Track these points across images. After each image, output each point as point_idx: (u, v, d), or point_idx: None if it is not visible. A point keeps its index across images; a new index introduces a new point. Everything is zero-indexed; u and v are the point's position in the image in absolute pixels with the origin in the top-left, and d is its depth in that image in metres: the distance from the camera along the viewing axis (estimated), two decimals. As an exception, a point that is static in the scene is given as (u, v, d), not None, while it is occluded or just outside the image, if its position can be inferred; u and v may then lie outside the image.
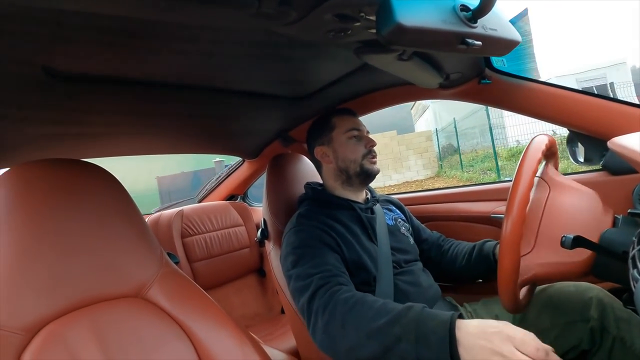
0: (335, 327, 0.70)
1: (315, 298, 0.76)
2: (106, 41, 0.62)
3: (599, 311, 0.79)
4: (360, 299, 0.71)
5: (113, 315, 0.61)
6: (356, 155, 1.00)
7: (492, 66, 0.99)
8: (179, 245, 1.65)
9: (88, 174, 0.69)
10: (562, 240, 0.66)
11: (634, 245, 0.49)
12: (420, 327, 0.60)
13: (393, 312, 0.65)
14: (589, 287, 0.85)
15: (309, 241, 0.87)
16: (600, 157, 1.03)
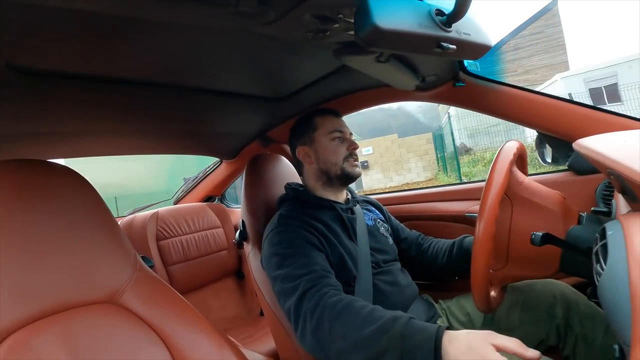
0: (323, 331, 0.70)
1: (304, 301, 0.74)
2: (77, 37, 0.59)
3: (563, 309, 0.84)
4: (348, 305, 0.70)
5: (84, 322, 0.59)
6: (337, 158, 1.00)
7: (466, 69, 1.02)
8: (154, 248, 1.60)
9: (56, 175, 0.65)
10: (532, 238, 0.69)
11: (597, 241, 0.52)
12: (406, 341, 0.60)
13: (380, 321, 0.65)
14: (555, 284, 0.89)
15: (295, 241, 0.86)
16: (566, 158, 1.09)
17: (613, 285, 0.40)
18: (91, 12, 0.48)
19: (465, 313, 0.95)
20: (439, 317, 0.95)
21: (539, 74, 14.17)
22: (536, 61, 14.61)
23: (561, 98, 0.99)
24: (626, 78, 10.52)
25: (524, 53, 14.76)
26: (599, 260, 0.48)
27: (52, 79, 0.72)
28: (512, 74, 14.83)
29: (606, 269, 0.44)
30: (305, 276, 0.77)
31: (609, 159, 0.51)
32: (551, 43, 14.50)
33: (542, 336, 0.85)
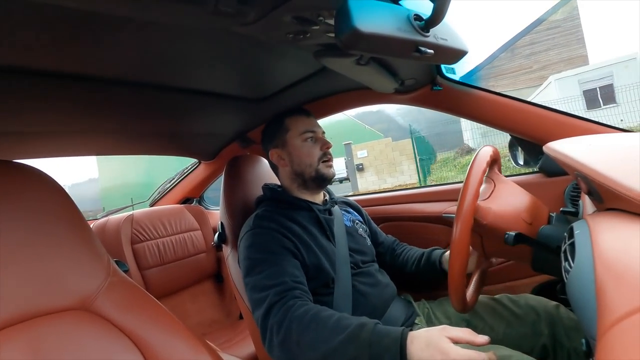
0: (291, 344, 0.70)
1: (270, 315, 0.75)
2: (48, 32, 0.56)
3: (549, 326, 0.84)
4: (315, 315, 0.71)
5: (54, 330, 0.56)
6: (312, 159, 0.99)
7: (442, 74, 1.05)
8: (129, 252, 1.55)
9: (22, 176, 0.62)
10: (505, 238, 0.71)
11: (566, 240, 0.54)
12: (373, 347, 0.63)
13: (347, 330, 0.67)
14: (537, 300, 0.90)
15: (267, 245, 0.85)
16: (537, 161, 1.13)
17: (580, 282, 0.42)
18: (64, 6, 0.46)
19: (447, 317, 0.96)
20: (417, 316, 0.96)
21: (555, 69, 13.35)
22: (553, 56, 14.01)
23: (533, 103, 1.03)
24: (623, 79, 10.04)
25: (540, 48, 14.12)
26: (567, 258, 0.50)
27: (20, 75, 0.69)
28: (526, 71, 14.28)
29: (574, 267, 0.46)
30: (274, 288, 0.77)
31: (576, 162, 0.54)
32: (569, 37, 13.88)
33: (525, 351, 0.83)
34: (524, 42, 14.51)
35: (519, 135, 1.07)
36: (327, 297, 0.88)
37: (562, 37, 13.94)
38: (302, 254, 0.87)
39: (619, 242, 0.40)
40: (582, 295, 0.41)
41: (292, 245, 0.87)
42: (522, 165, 1.17)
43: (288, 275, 0.80)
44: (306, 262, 0.87)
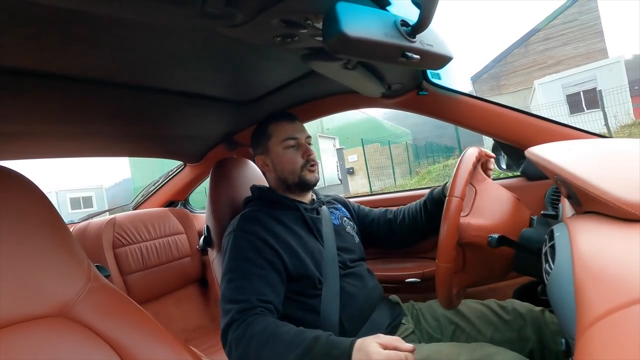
0: (250, 357, 0.74)
1: (230, 330, 0.78)
2: (29, 31, 0.55)
3: (536, 332, 0.85)
4: (273, 332, 0.75)
5: (29, 338, 0.54)
6: (294, 167, 0.99)
7: (428, 79, 1.07)
8: (110, 256, 1.51)
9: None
10: (489, 240, 0.73)
11: (546, 242, 0.56)
12: (325, 358, 0.70)
13: (302, 344, 0.72)
14: (522, 305, 0.92)
15: (245, 252, 0.86)
16: (519, 165, 1.16)
17: (560, 283, 0.43)
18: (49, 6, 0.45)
19: (436, 319, 0.97)
20: (403, 316, 0.97)
21: (572, 63, 12.85)
22: (569, 50, 13.44)
23: (515, 109, 1.05)
24: (606, 82, 9.83)
25: (556, 43, 13.58)
26: (548, 260, 0.52)
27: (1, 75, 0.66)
28: (540, 67, 13.71)
29: (554, 268, 0.47)
30: (238, 304, 0.80)
31: (556, 166, 0.55)
32: (586, 30, 13.23)
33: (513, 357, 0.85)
34: (538, 37, 14.01)
35: (502, 140, 1.10)
36: (314, 298, 0.88)
37: (579, 31, 13.36)
38: (283, 261, 0.87)
39: (597, 243, 0.41)
40: (562, 295, 0.42)
41: (273, 253, 0.87)
42: (505, 169, 1.20)
43: (255, 292, 0.81)
44: (288, 267, 0.87)
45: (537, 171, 1.11)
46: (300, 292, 0.87)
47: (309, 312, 0.87)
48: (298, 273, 0.87)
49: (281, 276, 0.86)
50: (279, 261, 0.87)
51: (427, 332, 0.95)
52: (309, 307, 0.87)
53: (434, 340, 0.94)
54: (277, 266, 0.86)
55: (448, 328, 0.94)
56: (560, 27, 13.73)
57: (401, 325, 0.95)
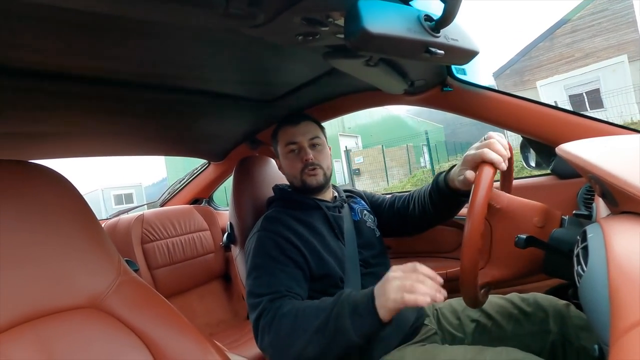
0: (283, 338, 0.74)
1: (261, 318, 0.78)
2: (61, 36, 0.58)
3: (558, 324, 0.83)
4: (300, 308, 0.76)
5: (63, 328, 0.57)
6: (294, 171, 1.00)
7: (453, 75, 1.04)
8: (139, 251, 1.57)
9: (35, 176, 0.64)
10: (516, 241, 0.70)
11: (578, 243, 0.53)
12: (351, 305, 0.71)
13: (328, 308, 0.73)
14: (546, 298, 0.89)
15: (270, 251, 0.87)
16: (549, 162, 1.11)
17: (593, 287, 0.41)
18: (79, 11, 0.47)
19: (456, 317, 0.96)
20: (426, 317, 0.96)
21: (602, 56, 11.96)
22: (599, 42, 12.46)
23: (545, 104, 1.01)
24: (609, 83, 9.94)
25: (584, 35, 12.65)
26: (580, 262, 0.49)
27: (32, 77, 0.70)
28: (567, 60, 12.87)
29: (587, 271, 0.45)
30: (267, 295, 0.80)
31: (590, 164, 0.53)
32: (618, 20, 12.19)
33: (535, 351, 0.83)
34: (564, 30, 13.14)
35: (531, 136, 1.05)
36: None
37: (609, 22, 12.35)
38: (306, 259, 0.88)
39: (634, 245, 0.39)
40: (595, 299, 0.40)
41: (296, 252, 0.87)
42: (534, 167, 1.16)
43: (282, 285, 0.82)
44: (311, 266, 0.87)
45: (568, 169, 1.06)
46: (323, 291, 0.87)
47: None
48: (320, 272, 0.87)
49: (304, 273, 0.87)
50: (302, 259, 0.87)
51: (448, 331, 0.94)
52: None
53: (457, 339, 0.92)
54: (301, 264, 0.87)
55: (469, 326, 0.93)
56: (589, 18, 12.79)
57: (424, 326, 0.93)
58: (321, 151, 1.01)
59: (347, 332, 0.68)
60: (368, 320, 0.68)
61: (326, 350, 0.70)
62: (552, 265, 0.75)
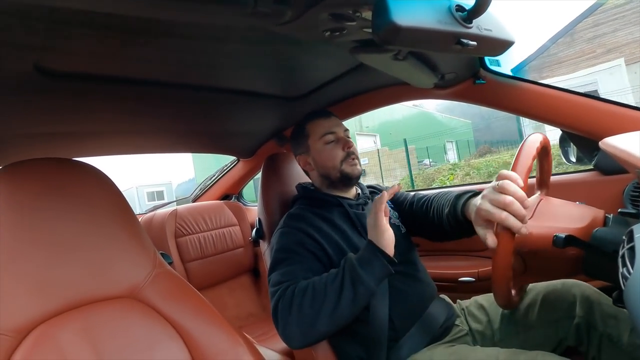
0: (305, 313, 0.75)
1: (279, 303, 0.79)
2: (100, 40, 0.61)
3: (585, 308, 0.81)
4: (313, 280, 0.79)
5: (105, 316, 0.61)
6: (334, 162, 0.98)
7: (486, 66, 1.00)
8: (173, 245, 1.63)
9: (80, 173, 0.68)
10: (554, 240, 0.67)
11: (624, 244, 0.50)
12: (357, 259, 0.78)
13: (338, 270, 0.79)
14: (575, 284, 0.86)
15: (291, 246, 0.88)
16: (592, 157, 1.05)
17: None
18: (113, 14, 0.50)
19: (484, 313, 0.94)
20: (457, 317, 0.94)
21: (624, 51, 11.41)
22: (623, 36, 11.75)
23: (587, 95, 0.95)
24: (607, 86, 9.73)
25: (606, 29, 11.98)
26: (626, 264, 0.46)
27: (77, 80, 0.74)
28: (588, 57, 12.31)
29: (633, 273, 0.42)
30: (286, 282, 0.82)
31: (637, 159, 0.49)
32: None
33: (561, 336, 0.83)
34: (585, 24, 12.47)
35: (571, 130, 0.99)
36: None
37: (633, 15, 11.53)
38: (327, 253, 0.88)
39: None
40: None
41: (317, 246, 0.88)
42: (575, 162, 1.09)
43: (300, 275, 0.83)
44: (333, 261, 0.88)
45: (613, 164, 0.99)
46: None
47: None
48: None
49: (324, 267, 0.87)
50: (324, 254, 0.88)
51: (478, 331, 0.91)
52: None
53: (487, 338, 0.90)
54: (322, 258, 0.87)
55: (496, 321, 0.91)
56: (611, 12, 11.92)
57: (454, 327, 0.91)
58: (354, 143, 1.02)
59: (364, 281, 0.75)
60: (378, 263, 0.76)
61: (347, 306, 0.75)
62: (594, 267, 0.70)
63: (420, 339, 0.85)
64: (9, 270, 0.55)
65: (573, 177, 1.10)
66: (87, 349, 0.56)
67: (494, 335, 0.90)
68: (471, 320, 0.94)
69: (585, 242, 0.68)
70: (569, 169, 1.22)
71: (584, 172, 1.11)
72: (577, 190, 1.06)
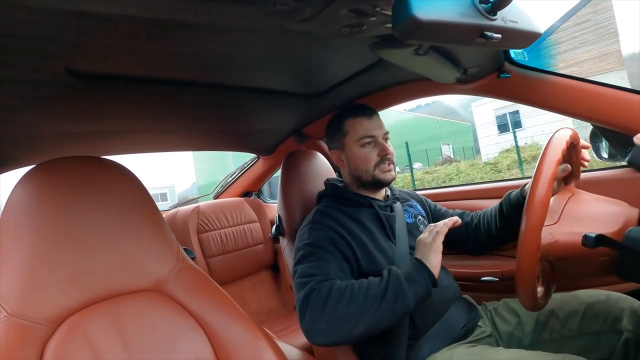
0: (340, 312, 0.74)
1: (311, 296, 0.77)
2: (127, 41, 0.63)
3: (634, 323, 0.76)
4: (353, 283, 0.78)
5: (132, 308, 0.63)
6: (368, 166, 0.96)
7: (511, 59, 0.96)
8: (195, 241, 1.67)
9: (108, 171, 0.70)
10: (583, 240, 0.64)
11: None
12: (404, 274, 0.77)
13: (382, 279, 0.78)
14: (622, 298, 0.81)
15: (321, 242, 0.87)
16: (626, 153, 0.99)
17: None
18: (138, 17, 0.51)
19: (515, 315, 0.91)
20: (480, 319, 0.91)
21: (584, 67, 12.40)
22: (582, 54, 12.82)
23: (620, 87, 0.90)
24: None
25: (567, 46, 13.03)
26: (664, 266, 0.44)
27: (105, 81, 0.77)
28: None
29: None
30: (317, 276, 0.80)
31: None
32: (600, 31, 12.36)
33: (604, 353, 0.78)
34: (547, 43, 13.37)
35: (603, 124, 0.95)
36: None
37: (592, 32, 12.55)
38: (355, 256, 0.87)
39: None
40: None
41: (346, 246, 0.87)
42: (607, 158, 1.04)
43: (332, 271, 0.82)
44: (360, 263, 0.87)
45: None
46: None
47: None
48: (369, 269, 0.87)
49: (352, 268, 0.87)
50: (352, 254, 0.87)
51: (506, 332, 0.89)
52: None
53: (514, 339, 0.87)
54: (349, 258, 0.87)
55: (529, 324, 0.87)
56: (572, 30, 12.85)
57: (477, 328, 0.89)
58: (390, 146, 0.99)
59: (406, 297, 0.74)
60: (422, 283, 0.75)
61: (383, 318, 0.74)
62: (628, 268, 0.67)
63: (441, 339, 0.84)
64: (44, 263, 0.58)
65: (605, 174, 1.05)
66: (115, 339, 0.59)
67: (524, 338, 0.87)
68: (499, 321, 0.92)
69: (617, 243, 0.64)
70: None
71: (617, 169, 1.05)
72: (609, 187, 1.01)
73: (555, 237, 0.69)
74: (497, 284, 1.18)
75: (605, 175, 1.05)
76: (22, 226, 0.59)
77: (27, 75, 0.68)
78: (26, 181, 0.62)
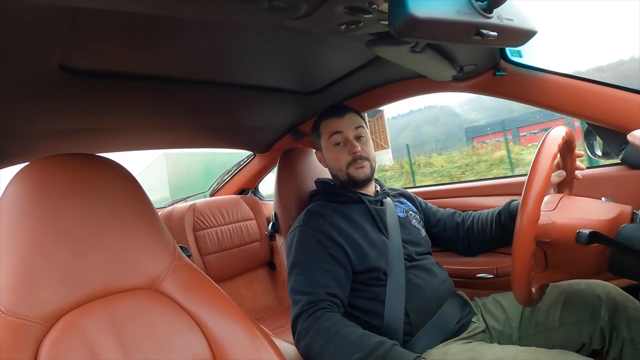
0: (314, 351, 0.76)
1: (299, 320, 0.81)
2: (121, 38, 0.62)
3: (609, 311, 0.78)
4: (339, 331, 0.75)
5: (128, 306, 0.63)
6: (340, 165, 0.98)
7: (507, 57, 0.97)
8: (191, 238, 1.67)
9: (103, 168, 0.70)
10: (577, 236, 0.64)
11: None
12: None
13: (367, 346, 0.71)
14: (600, 285, 0.83)
15: (311, 247, 0.88)
16: (619, 151, 1.00)
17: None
18: (133, 13, 0.51)
19: (502, 311, 0.92)
20: (473, 315, 0.92)
21: None
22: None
23: (614, 85, 0.91)
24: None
25: None
26: (656, 263, 0.44)
27: (100, 78, 0.77)
28: None
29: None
30: (306, 296, 0.82)
31: None
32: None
33: (584, 339, 0.81)
34: None
35: (597, 122, 0.95)
36: (379, 288, 0.88)
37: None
38: (348, 256, 0.88)
39: None
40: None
41: (338, 249, 0.88)
42: (601, 156, 1.05)
43: (322, 286, 0.83)
44: (353, 262, 0.88)
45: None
46: (365, 282, 0.88)
47: (373, 301, 0.87)
48: (363, 267, 0.87)
49: (346, 271, 0.87)
50: (344, 256, 0.88)
51: (495, 329, 0.90)
52: (373, 296, 0.87)
53: (505, 336, 0.89)
54: (343, 261, 0.87)
55: (515, 318, 0.89)
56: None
57: (471, 324, 0.90)
58: (366, 143, 1.00)
59: None
60: None
61: None
62: (621, 265, 0.68)
63: (435, 335, 0.85)
64: (38, 260, 0.58)
65: (599, 171, 1.06)
66: (110, 337, 0.59)
67: (512, 334, 0.88)
68: (489, 317, 0.93)
69: (611, 239, 0.65)
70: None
71: (611, 167, 1.06)
72: (603, 185, 1.02)
73: (553, 219, 0.71)
74: (492, 281, 1.19)
75: (599, 172, 1.06)
76: (16, 224, 0.58)
77: (20, 72, 0.67)
78: (20, 178, 0.61)
